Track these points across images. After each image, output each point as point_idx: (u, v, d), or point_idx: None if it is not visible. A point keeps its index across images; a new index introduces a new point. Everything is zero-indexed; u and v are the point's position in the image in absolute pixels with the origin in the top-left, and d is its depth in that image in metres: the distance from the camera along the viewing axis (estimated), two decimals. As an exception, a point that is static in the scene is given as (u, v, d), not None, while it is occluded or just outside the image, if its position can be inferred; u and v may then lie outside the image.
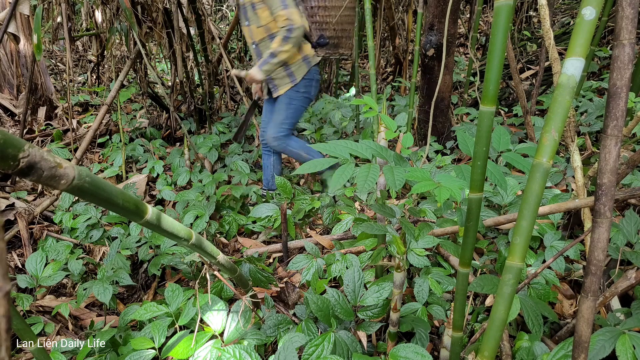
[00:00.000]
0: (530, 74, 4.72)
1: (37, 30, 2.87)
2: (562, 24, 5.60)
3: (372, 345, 1.70)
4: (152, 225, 0.95)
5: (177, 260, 2.25)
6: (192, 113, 4.26)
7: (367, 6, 2.38)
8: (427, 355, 1.31)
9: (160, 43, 3.92)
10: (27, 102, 3.38)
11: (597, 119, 3.17)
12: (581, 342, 1.12)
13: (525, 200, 0.94)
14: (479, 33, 5.85)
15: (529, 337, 1.48)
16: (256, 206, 2.68)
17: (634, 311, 1.49)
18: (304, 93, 2.93)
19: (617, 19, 0.98)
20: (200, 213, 2.59)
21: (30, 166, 0.59)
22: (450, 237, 2.13)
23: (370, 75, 2.74)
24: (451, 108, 3.63)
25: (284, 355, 1.26)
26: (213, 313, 1.49)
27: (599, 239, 1.05)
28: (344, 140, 1.21)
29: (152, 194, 3.42)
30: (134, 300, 2.38)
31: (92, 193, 0.74)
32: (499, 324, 1.00)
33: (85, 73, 6.34)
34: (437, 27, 3.07)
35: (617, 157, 1.02)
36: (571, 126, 1.70)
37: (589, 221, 1.69)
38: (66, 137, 4.16)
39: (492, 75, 0.99)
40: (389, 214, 1.37)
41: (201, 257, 1.36)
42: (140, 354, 1.48)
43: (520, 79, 3.91)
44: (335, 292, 1.54)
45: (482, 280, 1.51)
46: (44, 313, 2.15)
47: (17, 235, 2.65)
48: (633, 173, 2.26)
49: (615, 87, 0.99)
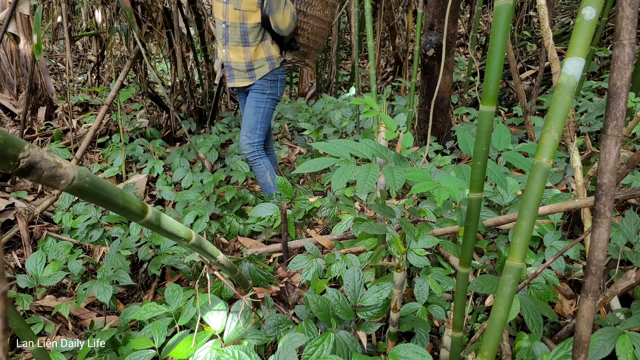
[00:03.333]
0: (530, 74, 4.72)
1: (37, 30, 2.87)
2: (562, 24, 5.60)
3: (372, 345, 1.70)
4: (152, 225, 0.95)
5: (177, 260, 2.25)
6: (192, 113, 4.26)
7: (367, 6, 2.38)
8: (427, 355, 1.31)
9: (160, 43, 3.92)
10: (27, 102, 3.38)
11: (597, 119, 3.17)
12: (581, 342, 1.12)
13: (525, 200, 0.94)
14: (479, 33, 5.85)
15: (529, 337, 1.47)
16: (256, 206, 2.68)
17: (634, 311, 1.49)
18: (270, 95, 2.86)
19: (617, 19, 0.98)
20: (201, 213, 2.59)
21: (30, 166, 0.59)
22: (450, 237, 2.13)
23: (370, 75, 2.74)
24: (451, 108, 3.64)
25: (284, 355, 1.26)
26: (213, 313, 1.49)
27: (599, 239, 1.05)
28: (344, 140, 1.21)
29: (152, 194, 3.42)
30: (134, 300, 2.38)
31: (92, 193, 0.74)
32: (499, 324, 1.00)
33: (85, 73, 6.34)
34: (437, 27, 3.07)
35: (617, 157, 1.02)
36: (571, 126, 1.70)
37: (589, 221, 1.69)
38: (66, 137, 4.16)
39: (492, 75, 0.99)
40: (389, 214, 1.37)
41: (201, 257, 1.36)
42: (140, 354, 1.48)
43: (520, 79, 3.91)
44: (335, 292, 1.54)
45: (482, 280, 1.51)
46: (44, 313, 2.15)
47: (17, 235, 2.65)
48: (633, 173, 2.26)
49: (615, 87, 0.99)
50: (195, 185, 3.21)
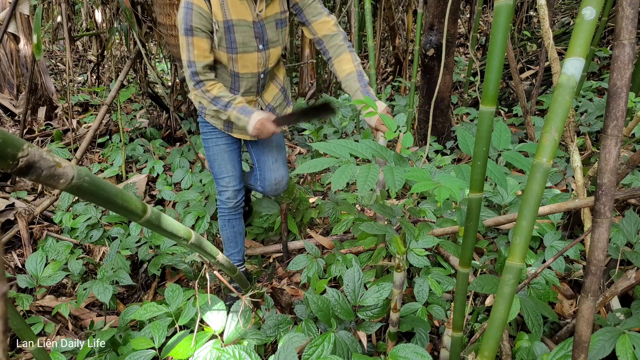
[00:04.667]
0: (530, 74, 4.72)
1: (37, 30, 2.87)
2: (562, 24, 5.60)
3: (372, 345, 1.70)
4: (152, 224, 0.95)
5: (177, 260, 2.25)
6: (192, 113, 4.26)
7: (367, 6, 2.38)
8: (427, 355, 1.31)
9: (160, 43, 3.92)
10: (27, 102, 3.38)
11: (597, 119, 3.17)
12: (581, 342, 1.12)
13: (525, 200, 0.94)
14: (479, 33, 5.86)
15: (529, 337, 1.47)
16: (256, 201, 2.68)
17: (634, 311, 1.49)
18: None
19: (617, 19, 0.98)
20: (202, 214, 2.58)
21: (29, 165, 0.59)
22: (450, 237, 2.13)
23: (370, 75, 2.74)
24: (451, 108, 3.64)
25: (284, 355, 1.26)
26: (213, 313, 1.49)
27: (599, 239, 1.05)
28: (344, 140, 1.21)
29: (152, 194, 3.42)
30: (134, 300, 2.38)
31: (92, 192, 0.74)
32: (499, 324, 1.00)
33: (85, 73, 6.34)
34: (437, 27, 3.07)
35: (617, 157, 1.02)
36: (571, 126, 1.70)
37: (589, 221, 1.69)
38: (66, 137, 4.16)
39: (492, 75, 0.99)
40: (389, 214, 1.37)
41: (201, 257, 1.36)
42: (140, 354, 1.48)
43: (520, 79, 3.91)
44: (335, 291, 1.54)
45: (482, 280, 1.51)
46: (44, 313, 2.15)
47: (17, 235, 2.65)
48: (633, 173, 2.26)
49: (615, 87, 0.99)
50: (195, 185, 3.21)
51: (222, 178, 2.07)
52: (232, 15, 1.66)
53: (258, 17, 1.73)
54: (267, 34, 1.80)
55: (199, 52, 1.67)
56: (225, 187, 2.08)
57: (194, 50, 1.67)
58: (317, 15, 1.80)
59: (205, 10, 1.62)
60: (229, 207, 2.12)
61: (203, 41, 1.67)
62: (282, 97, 2.10)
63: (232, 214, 2.14)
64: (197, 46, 1.66)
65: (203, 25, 1.64)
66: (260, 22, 1.76)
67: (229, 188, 2.08)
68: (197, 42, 1.66)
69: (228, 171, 2.07)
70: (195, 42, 1.65)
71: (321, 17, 1.80)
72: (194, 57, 1.68)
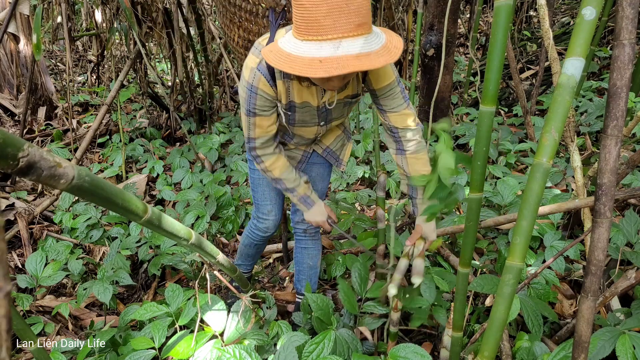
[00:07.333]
0: (530, 74, 4.72)
1: (37, 30, 2.87)
2: (562, 24, 5.60)
3: (372, 345, 1.70)
4: (153, 225, 0.95)
5: (177, 260, 2.25)
6: (192, 113, 4.26)
7: (367, 6, 2.37)
8: (427, 355, 1.31)
9: (160, 43, 3.92)
10: (27, 102, 3.38)
11: (597, 119, 3.17)
12: (581, 342, 1.12)
13: (525, 200, 0.94)
14: (479, 33, 5.85)
15: (529, 337, 1.47)
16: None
17: (634, 311, 1.49)
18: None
19: (617, 19, 0.98)
20: (202, 213, 2.58)
21: (29, 165, 0.60)
22: (450, 237, 2.13)
23: (370, 75, 2.73)
24: (451, 108, 3.64)
25: (284, 355, 1.26)
26: (213, 313, 1.49)
27: (599, 239, 1.05)
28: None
29: (152, 194, 3.42)
30: (134, 300, 2.38)
31: (92, 192, 0.74)
32: (499, 324, 1.00)
33: (85, 73, 6.34)
34: (437, 27, 3.07)
35: (617, 157, 1.02)
36: (571, 126, 1.70)
37: (589, 221, 1.69)
38: (66, 137, 4.16)
39: (492, 75, 0.99)
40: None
41: (201, 257, 1.36)
42: (140, 354, 1.48)
43: (520, 79, 3.91)
44: (342, 281, 1.60)
45: (482, 280, 1.51)
46: (44, 313, 2.15)
47: (17, 235, 2.65)
48: (633, 173, 2.26)
49: (615, 87, 0.99)
50: (195, 185, 3.21)
51: (264, 205, 1.89)
52: (296, 99, 1.50)
53: (324, 103, 1.56)
54: (331, 114, 1.62)
55: (260, 131, 1.53)
56: (266, 217, 1.90)
57: (255, 129, 1.53)
58: (397, 107, 1.54)
59: (270, 95, 1.45)
60: (263, 237, 1.97)
61: (265, 119, 1.52)
62: (342, 137, 1.89)
63: (263, 240, 2.02)
64: (259, 125, 1.52)
65: (267, 107, 1.50)
66: (326, 107, 1.57)
67: (270, 218, 1.90)
68: (260, 121, 1.51)
69: (272, 198, 1.88)
70: (258, 121, 1.52)
71: (400, 109, 1.54)
72: (254, 135, 1.54)
